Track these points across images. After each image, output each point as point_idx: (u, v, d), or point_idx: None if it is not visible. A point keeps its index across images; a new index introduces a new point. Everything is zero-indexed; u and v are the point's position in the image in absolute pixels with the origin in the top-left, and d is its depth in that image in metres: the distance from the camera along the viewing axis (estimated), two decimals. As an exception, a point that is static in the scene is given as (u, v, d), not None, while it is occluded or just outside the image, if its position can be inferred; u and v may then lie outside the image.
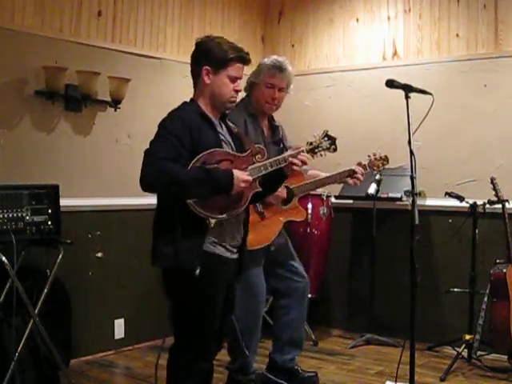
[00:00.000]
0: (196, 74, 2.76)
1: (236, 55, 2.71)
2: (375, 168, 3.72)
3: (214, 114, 2.76)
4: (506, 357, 4.22)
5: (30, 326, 3.50)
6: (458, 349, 4.26)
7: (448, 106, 4.70)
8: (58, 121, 4.17)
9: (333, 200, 4.97)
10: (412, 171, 2.86)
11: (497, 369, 4.17)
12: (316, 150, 2.81)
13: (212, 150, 2.61)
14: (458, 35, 4.79)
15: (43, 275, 3.67)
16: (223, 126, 2.82)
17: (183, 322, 2.69)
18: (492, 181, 4.22)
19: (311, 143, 2.81)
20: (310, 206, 4.71)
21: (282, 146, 3.72)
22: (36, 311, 3.52)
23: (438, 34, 4.87)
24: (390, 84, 2.96)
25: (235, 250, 2.75)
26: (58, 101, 4.12)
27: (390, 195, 4.68)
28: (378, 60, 5.16)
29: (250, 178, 2.64)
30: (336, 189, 4.78)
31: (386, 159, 3.72)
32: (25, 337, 3.47)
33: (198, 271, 2.53)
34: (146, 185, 2.53)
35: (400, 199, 4.65)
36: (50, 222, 3.62)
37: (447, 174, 4.77)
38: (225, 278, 2.72)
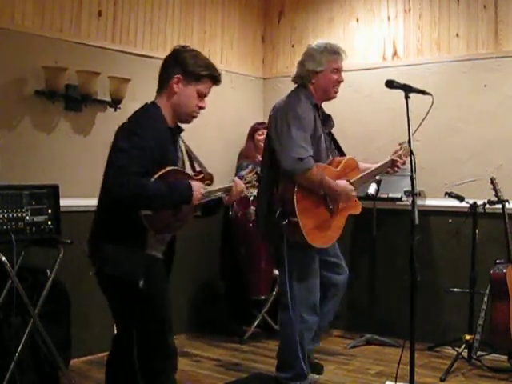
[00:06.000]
0: (164, 80, 2.73)
1: (210, 73, 2.72)
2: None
3: (173, 123, 2.76)
4: (506, 357, 4.22)
5: (29, 325, 3.50)
6: (458, 349, 4.25)
7: (448, 106, 4.70)
8: (57, 121, 4.17)
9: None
10: (412, 171, 2.86)
11: (497, 369, 4.17)
12: (248, 185, 2.93)
13: (171, 168, 2.63)
14: (457, 35, 4.79)
15: (43, 275, 3.66)
16: (176, 140, 2.82)
17: (144, 330, 2.67)
18: (492, 181, 4.22)
19: (245, 178, 2.94)
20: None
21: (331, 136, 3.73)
22: (36, 311, 3.52)
23: (438, 34, 4.87)
24: (390, 84, 2.96)
25: (163, 253, 2.79)
26: (58, 101, 4.13)
27: (390, 195, 4.68)
28: (378, 60, 5.16)
29: (204, 190, 2.67)
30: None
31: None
32: (25, 337, 3.47)
33: (141, 282, 2.57)
34: (115, 199, 2.54)
35: (400, 199, 4.65)
36: (49, 222, 3.63)
37: (447, 174, 4.77)
38: (164, 274, 2.77)
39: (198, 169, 2.85)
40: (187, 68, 2.68)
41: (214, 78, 2.74)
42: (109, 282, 2.68)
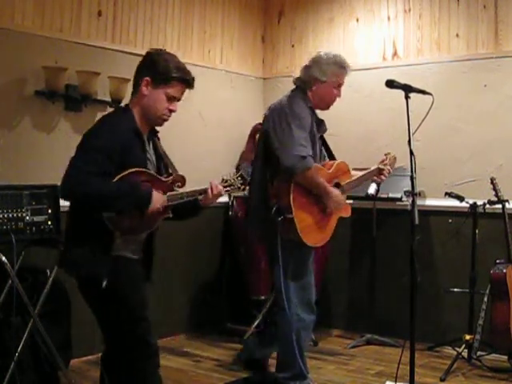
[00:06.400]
0: (135, 83, 2.75)
1: (180, 76, 2.69)
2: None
3: (145, 126, 2.75)
4: (506, 357, 4.22)
5: (29, 325, 3.50)
6: (458, 349, 4.26)
7: (448, 106, 4.70)
8: (57, 121, 4.17)
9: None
10: (412, 171, 2.86)
11: (497, 369, 4.17)
12: (229, 188, 2.88)
13: (136, 169, 2.61)
14: (457, 35, 4.79)
15: (43, 275, 3.67)
16: (151, 142, 2.81)
17: (119, 330, 2.69)
18: (492, 181, 4.22)
19: (226, 181, 2.88)
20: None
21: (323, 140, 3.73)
22: (36, 311, 3.52)
23: (438, 34, 4.87)
24: (390, 84, 2.97)
25: (137, 253, 2.77)
26: (58, 101, 4.12)
27: (390, 195, 4.68)
28: (378, 60, 5.16)
29: (166, 203, 2.65)
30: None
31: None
32: (25, 337, 3.47)
33: (105, 283, 2.57)
34: (67, 196, 2.56)
35: (400, 199, 4.65)
36: (50, 222, 3.62)
37: (447, 174, 4.77)
38: (139, 274, 2.75)
39: (169, 171, 2.83)
40: (157, 71, 2.67)
41: (186, 82, 2.71)
42: (78, 282, 2.72)
